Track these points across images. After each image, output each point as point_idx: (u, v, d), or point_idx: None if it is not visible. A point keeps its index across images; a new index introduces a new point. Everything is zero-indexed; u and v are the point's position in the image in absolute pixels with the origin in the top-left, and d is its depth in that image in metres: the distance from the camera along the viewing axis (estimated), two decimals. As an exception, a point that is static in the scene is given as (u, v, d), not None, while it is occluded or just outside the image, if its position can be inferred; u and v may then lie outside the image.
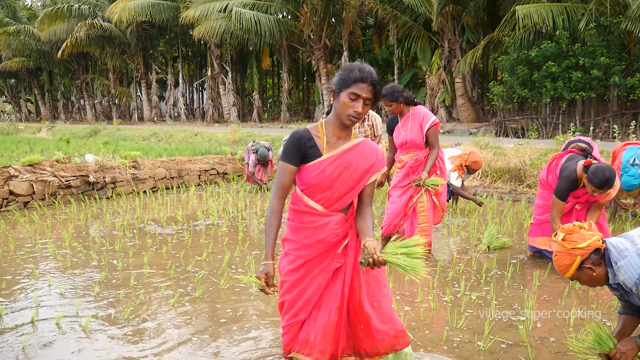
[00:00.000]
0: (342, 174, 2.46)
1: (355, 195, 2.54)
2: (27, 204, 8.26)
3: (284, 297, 2.62)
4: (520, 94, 16.81)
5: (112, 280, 4.62)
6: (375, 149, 2.57)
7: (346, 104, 2.37)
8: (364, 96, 2.35)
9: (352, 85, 2.35)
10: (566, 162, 4.64)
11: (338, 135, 2.50)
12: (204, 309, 3.95)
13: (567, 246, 2.62)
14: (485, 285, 4.42)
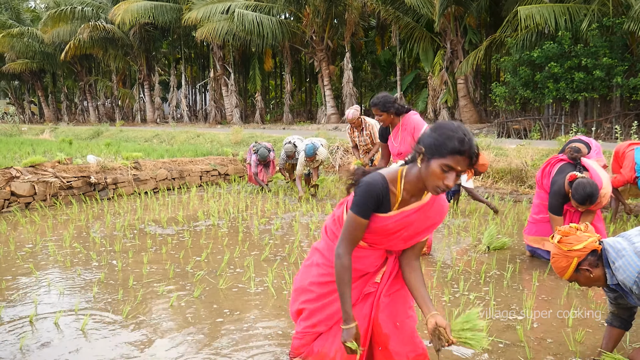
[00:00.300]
0: (401, 231, 2.38)
1: (405, 247, 2.51)
2: (29, 205, 8.28)
3: (306, 305, 2.62)
4: (523, 95, 16.78)
5: (111, 280, 4.62)
6: (441, 208, 2.43)
7: (437, 174, 2.10)
8: (459, 169, 2.09)
9: (449, 156, 2.07)
10: (556, 174, 4.66)
11: (413, 193, 2.33)
12: (202, 309, 3.95)
13: (564, 248, 2.64)
14: (484, 285, 4.41)
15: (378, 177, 2.30)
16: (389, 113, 4.90)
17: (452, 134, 2.08)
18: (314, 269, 2.64)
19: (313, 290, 2.58)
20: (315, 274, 2.62)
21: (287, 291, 4.22)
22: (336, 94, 26.90)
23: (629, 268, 2.48)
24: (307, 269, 2.72)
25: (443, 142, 2.08)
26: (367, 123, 7.79)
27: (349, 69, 24.29)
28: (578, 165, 4.57)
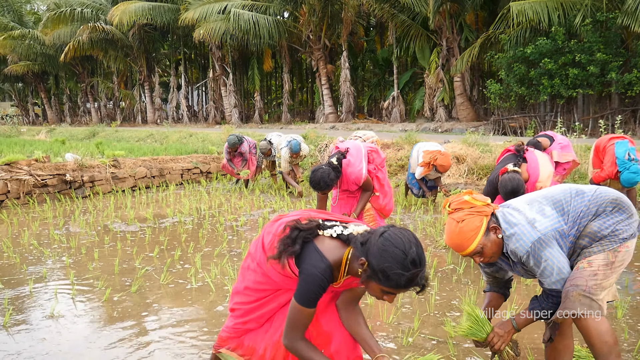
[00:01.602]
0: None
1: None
2: (1, 203, 8.21)
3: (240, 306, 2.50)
4: (518, 92, 16.57)
5: (54, 276, 4.52)
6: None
7: (377, 293, 2.03)
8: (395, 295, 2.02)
9: (396, 288, 1.95)
10: (499, 164, 4.60)
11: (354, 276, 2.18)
12: (133, 304, 3.83)
13: (477, 203, 2.44)
14: (433, 280, 4.26)
15: (322, 267, 2.08)
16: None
17: (402, 272, 1.89)
18: (250, 273, 2.51)
19: (248, 294, 2.47)
20: (251, 280, 2.48)
21: (228, 287, 4.09)
22: (335, 93, 26.78)
23: (523, 238, 2.37)
24: (243, 271, 2.59)
25: (389, 276, 1.90)
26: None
27: (346, 68, 24.16)
28: (519, 157, 4.47)
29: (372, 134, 6.89)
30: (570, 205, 2.46)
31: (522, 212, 2.46)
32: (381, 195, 5.12)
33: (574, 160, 6.39)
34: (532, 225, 2.39)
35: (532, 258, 2.37)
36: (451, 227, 2.44)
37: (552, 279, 2.37)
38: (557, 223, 2.40)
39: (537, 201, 2.50)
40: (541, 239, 2.35)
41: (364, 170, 4.83)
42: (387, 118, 23.78)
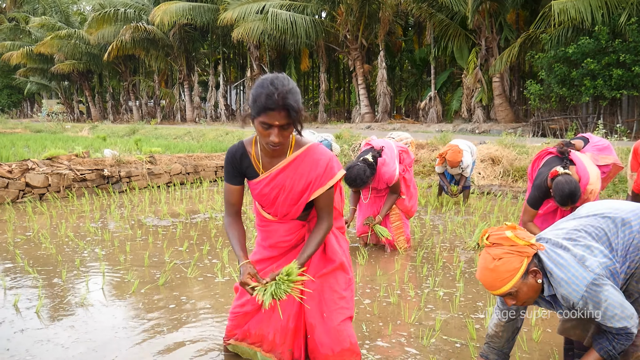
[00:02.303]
0: (279, 195, 2.37)
1: (299, 210, 2.44)
2: (43, 196, 8.50)
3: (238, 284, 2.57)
4: (558, 93, 16.16)
5: (85, 266, 4.65)
6: (316, 160, 2.32)
7: (261, 132, 2.11)
8: (277, 124, 2.05)
9: (262, 114, 2.04)
10: (542, 167, 4.37)
11: (271, 155, 2.33)
12: (159, 296, 3.91)
13: (520, 242, 2.14)
14: (459, 281, 4.20)
15: (236, 143, 2.43)
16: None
17: (261, 90, 2.03)
18: (254, 250, 2.70)
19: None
20: (252, 254, 2.64)
21: (253, 282, 4.13)
22: (372, 93, 26.69)
23: (576, 281, 2.12)
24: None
25: (255, 100, 2.06)
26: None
27: (383, 68, 24.04)
28: (565, 159, 4.27)
29: (406, 135, 6.86)
30: (618, 238, 2.24)
31: (568, 249, 2.21)
32: (407, 198, 5.09)
33: (614, 163, 6.17)
34: (583, 265, 2.14)
35: (590, 302, 2.12)
36: (486, 262, 2.18)
37: (616, 319, 2.13)
38: (608, 260, 2.17)
39: (578, 234, 2.27)
40: (596, 280, 2.10)
41: (397, 170, 4.82)
42: (423, 118, 23.55)
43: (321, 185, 2.31)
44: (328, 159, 2.33)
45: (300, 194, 2.36)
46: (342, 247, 2.60)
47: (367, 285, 4.17)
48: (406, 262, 4.81)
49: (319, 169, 2.30)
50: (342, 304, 2.52)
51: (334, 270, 2.54)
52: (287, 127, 2.09)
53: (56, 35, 34.06)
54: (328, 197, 2.35)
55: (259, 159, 2.34)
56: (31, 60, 39.53)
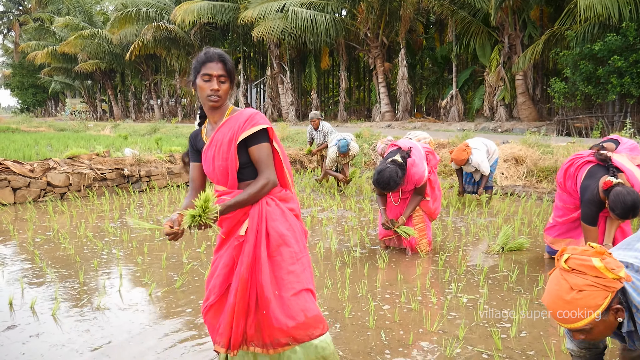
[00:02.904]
0: (216, 154, 2.45)
1: (232, 174, 2.44)
2: (64, 195, 8.56)
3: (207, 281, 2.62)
4: (584, 91, 15.79)
5: (103, 268, 4.63)
6: (241, 113, 2.47)
7: (202, 87, 2.39)
8: (216, 74, 2.37)
9: (202, 68, 2.38)
10: (586, 179, 4.06)
11: (213, 121, 2.52)
12: (177, 300, 3.85)
13: (608, 274, 1.80)
14: (483, 287, 4.07)
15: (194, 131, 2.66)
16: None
17: (200, 53, 2.44)
18: None
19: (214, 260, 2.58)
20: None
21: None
22: (393, 92, 26.48)
23: None
24: None
25: (195, 61, 2.43)
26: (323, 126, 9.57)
27: (403, 66, 23.79)
28: (610, 167, 3.97)
29: (425, 134, 6.73)
30: None
31: None
32: (431, 199, 4.96)
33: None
34: None
35: None
36: (561, 291, 1.86)
37: None
38: None
39: None
40: None
41: (426, 172, 4.71)
42: (445, 117, 23.27)
43: (243, 130, 2.40)
44: (252, 112, 2.49)
45: (227, 145, 2.42)
46: (287, 221, 2.53)
47: (387, 290, 4.06)
48: (428, 266, 4.68)
49: (242, 117, 2.44)
50: (290, 279, 2.45)
51: (278, 246, 2.47)
52: (224, 80, 2.39)
53: (79, 35, 34.48)
54: (261, 150, 2.43)
55: (206, 132, 2.55)
56: (55, 59, 40.14)
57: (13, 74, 54.67)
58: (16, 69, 53.49)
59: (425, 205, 5.01)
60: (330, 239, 5.65)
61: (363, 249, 5.30)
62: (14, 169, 8.15)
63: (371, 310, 3.59)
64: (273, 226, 2.47)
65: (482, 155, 7.32)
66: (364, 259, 4.91)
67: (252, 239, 2.42)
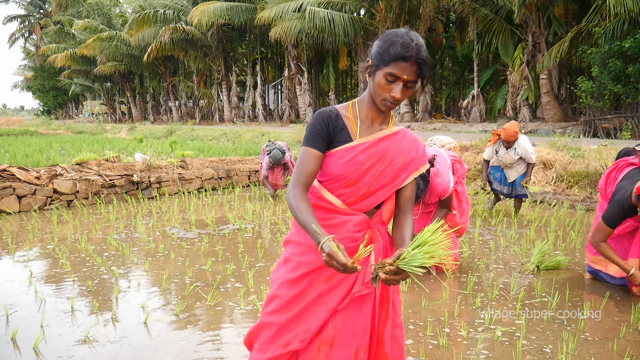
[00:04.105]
0: (375, 166, 1.94)
1: (385, 195, 1.98)
2: (71, 203, 8.24)
3: (273, 318, 1.98)
4: (613, 90, 15.11)
5: (94, 290, 4.25)
6: (416, 141, 2.04)
7: (382, 86, 1.84)
8: (405, 78, 1.81)
9: (392, 63, 1.80)
10: (623, 179, 3.74)
11: (373, 118, 1.99)
12: (174, 328, 3.45)
13: None
14: (519, 317, 3.59)
15: (327, 107, 2.01)
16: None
17: (396, 39, 1.82)
18: (282, 268, 2.05)
19: (281, 295, 1.98)
20: (282, 273, 2.03)
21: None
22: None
23: None
24: (273, 273, 2.12)
25: (386, 48, 1.82)
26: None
27: (423, 66, 23.20)
28: None
29: (449, 139, 6.23)
30: None
31: None
32: (458, 213, 4.49)
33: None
34: None
35: None
36: None
37: None
38: None
39: None
40: None
41: (451, 182, 4.24)
42: (465, 118, 22.67)
43: (417, 168, 2.02)
44: (424, 143, 2.15)
45: (399, 171, 1.98)
46: None
47: (410, 319, 3.60)
48: (455, 289, 4.21)
49: (419, 150, 2.03)
50: (398, 333, 2.06)
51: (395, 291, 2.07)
52: (411, 85, 1.86)
53: (98, 37, 34.55)
54: (414, 187, 2.05)
55: (357, 123, 1.98)
56: (75, 62, 40.38)
57: (34, 76, 55.27)
58: (37, 72, 54.07)
59: (452, 220, 4.54)
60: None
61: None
62: (19, 176, 7.85)
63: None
64: None
65: (528, 141, 6.76)
66: (383, 279, 4.46)
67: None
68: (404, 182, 1.98)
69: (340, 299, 1.92)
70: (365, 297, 1.94)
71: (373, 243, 1.96)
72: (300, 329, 1.92)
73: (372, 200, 1.96)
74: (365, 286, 1.90)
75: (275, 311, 1.97)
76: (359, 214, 1.95)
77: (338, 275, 1.92)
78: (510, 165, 6.79)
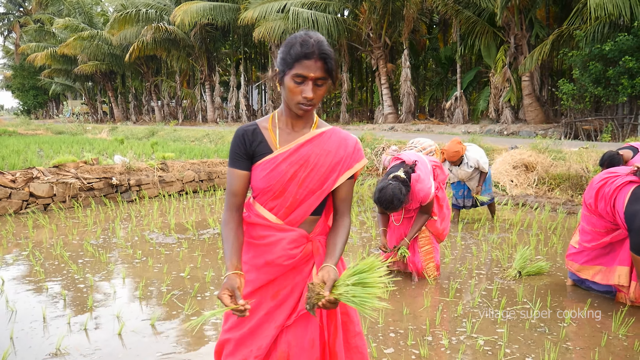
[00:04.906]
0: (298, 173, 1.90)
1: (316, 202, 1.93)
2: (47, 207, 8.07)
3: (230, 334, 1.97)
4: (593, 93, 15.24)
5: (67, 299, 4.13)
6: (345, 139, 1.97)
7: (292, 89, 1.81)
8: (312, 76, 1.78)
9: (296, 64, 1.78)
10: (632, 203, 3.54)
11: (293, 125, 1.95)
12: (148, 340, 3.35)
13: None
14: (501, 325, 3.55)
15: (247, 123, 2.01)
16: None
17: (294, 40, 1.81)
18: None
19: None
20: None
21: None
22: (395, 93, 25.97)
23: None
24: None
25: (287, 51, 1.81)
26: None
27: (407, 67, 23.28)
28: None
29: (430, 142, 6.17)
30: None
31: None
32: (439, 219, 4.45)
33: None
34: None
35: None
36: None
37: None
38: None
39: None
40: None
41: (432, 188, 4.19)
42: (449, 119, 22.75)
43: (349, 167, 1.95)
44: (356, 139, 2.02)
45: (326, 174, 1.93)
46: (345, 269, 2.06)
47: (390, 327, 3.55)
48: (437, 296, 4.16)
49: (349, 148, 1.96)
50: (357, 342, 2.03)
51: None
52: (321, 83, 1.81)
53: (79, 36, 34.04)
54: (350, 186, 1.99)
55: (275, 133, 1.95)
56: (55, 61, 39.76)
57: (14, 75, 54.34)
58: (17, 71, 53.16)
59: (433, 226, 4.50)
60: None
61: (364, 272, 4.78)
62: (-6, 179, 7.66)
63: (373, 356, 3.08)
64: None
65: (479, 150, 6.53)
66: (365, 286, 4.40)
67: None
68: (335, 185, 1.94)
69: (287, 315, 1.93)
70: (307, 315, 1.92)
71: (313, 257, 1.96)
72: (254, 346, 1.92)
73: (303, 210, 1.93)
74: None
75: (231, 328, 1.97)
76: (294, 229, 1.93)
77: (283, 292, 1.94)
78: (469, 179, 6.67)
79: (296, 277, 1.96)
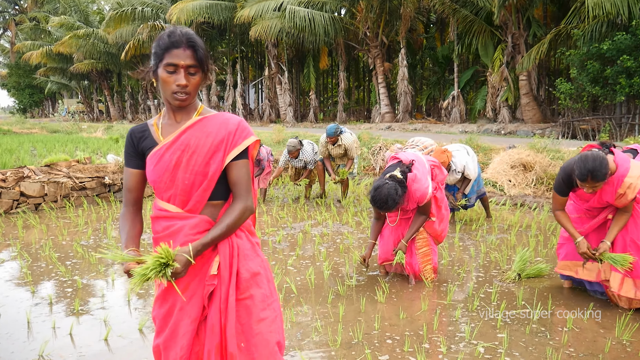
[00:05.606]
0: (182, 158, 1.92)
1: (210, 185, 1.94)
2: (39, 206, 7.93)
3: (157, 341, 1.99)
4: (591, 92, 15.16)
5: (53, 302, 4.01)
6: (228, 119, 1.97)
7: (166, 79, 1.86)
8: (183, 64, 1.84)
9: (166, 54, 1.85)
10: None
11: (175, 117, 1.98)
12: (135, 347, 3.23)
13: None
14: (501, 330, 3.44)
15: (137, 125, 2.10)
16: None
17: (163, 34, 1.88)
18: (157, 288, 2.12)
19: (157, 316, 2.01)
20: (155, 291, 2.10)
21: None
22: (392, 92, 25.87)
23: None
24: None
25: (157, 45, 1.88)
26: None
27: (404, 66, 23.18)
28: (605, 147, 3.64)
29: (430, 141, 6.07)
30: None
31: None
32: (437, 220, 4.34)
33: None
34: None
35: None
36: None
37: None
38: None
39: None
40: None
41: (430, 188, 4.08)
42: (446, 118, 22.66)
43: (235, 144, 1.94)
44: (240, 119, 2.01)
45: (209, 155, 1.92)
46: (259, 256, 2.05)
47: (387, 333, 3.43)
48: (435, 299, 4.05)
49: (230, 126, 1.95)
50: (260, 328, 1.96)
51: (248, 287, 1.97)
52: (194, 71, 1.87)
53: (74, 34, 33.88)
54: (244, 168, 1.96)
55: (159, 127, 2.00)
56: (51, 59, 39.55)
57: (9, 74, 54.02)
58: (12, 69, 52.83)
59: (431, 227, 4.39)
60: (323, 261, 5.03)
61: (360, 274, 4.67)
62: (-16, 179, 7.52)
63: (368, 363, 2.97)
64: (244, 264, 1.96)
65: (465, 156, 6.38)
66: (360, 289, 4.28)
67: (226, 279, 1.90)
68: (223, 165, 1.93)
69: (199, 307, 1.93)
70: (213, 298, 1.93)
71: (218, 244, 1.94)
72: (177, 347, 1.93)
73: (200, 196, 1.93)
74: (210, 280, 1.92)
75: (157, 334, 2.00)
76: (195, 216, 1.94)
77: (192, 284, 1.93)
78: (460, 182, 6.55)
79: (203, 266, 1.94)
